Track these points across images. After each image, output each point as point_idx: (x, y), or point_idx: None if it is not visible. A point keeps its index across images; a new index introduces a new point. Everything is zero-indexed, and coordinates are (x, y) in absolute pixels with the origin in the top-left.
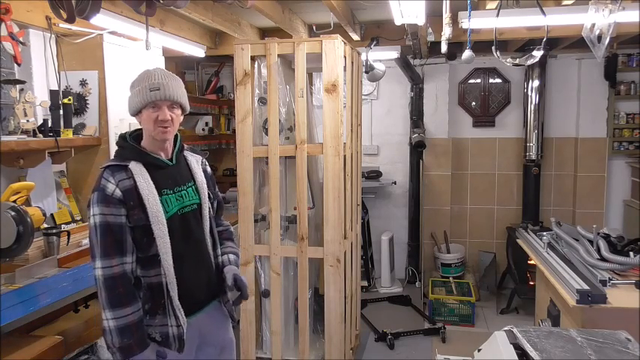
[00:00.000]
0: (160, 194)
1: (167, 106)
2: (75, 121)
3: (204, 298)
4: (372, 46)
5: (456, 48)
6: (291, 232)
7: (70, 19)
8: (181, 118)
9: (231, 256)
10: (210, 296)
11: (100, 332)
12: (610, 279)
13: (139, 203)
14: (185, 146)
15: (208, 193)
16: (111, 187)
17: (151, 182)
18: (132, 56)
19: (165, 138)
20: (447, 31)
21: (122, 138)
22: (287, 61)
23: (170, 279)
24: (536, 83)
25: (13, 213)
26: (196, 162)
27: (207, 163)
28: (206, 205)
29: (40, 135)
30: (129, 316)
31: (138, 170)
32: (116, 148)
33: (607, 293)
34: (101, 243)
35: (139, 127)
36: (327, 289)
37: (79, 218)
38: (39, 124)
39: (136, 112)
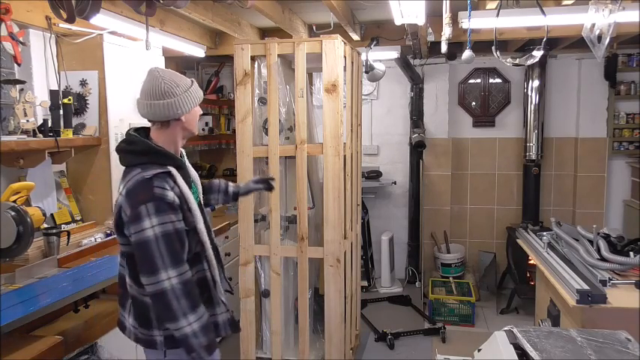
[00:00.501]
0: None
1: None
2: (75, 121)
3: None
4: (372, 46)
5: (456, 48)
6: (291, 232)
7: (70, 19)
8: None
9: (230, 182)
10: None
11: (100, 332)
12: (610, 279)
13: (188, 207)
14: None
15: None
16: (170, 194)
17: (186, 185)
18: (132, 56)
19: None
20: (447, 31)
21: (145, 143)
22: (287, 61)
23: (214, 271)
24: (536, 83)
25: (13, 213)
26: (184, 154)
27: None
28: (201, 196)
29: (40, 135)
30: (205, 314)
31: (177, 175)
32: (134, 153)
33: (607, 293)
34: (170, 251)
35: (140, 126)
36: (327, 289)
37: (79, 218)
38: (39, 124)
39: (187, 112)
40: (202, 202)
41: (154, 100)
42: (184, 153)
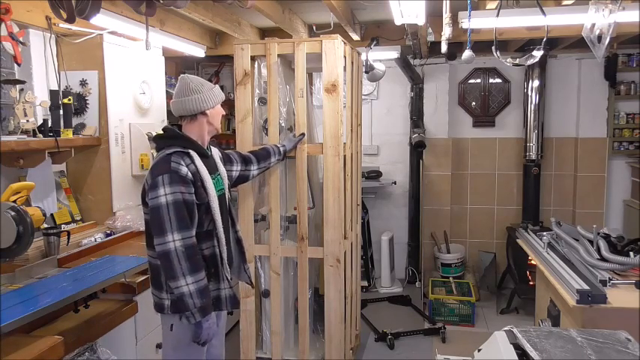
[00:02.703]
0: None
1: None
2: (75, 121)
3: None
4: (372, 46)
5: (456, 48)
6: (291, 232)
7: (70, 19)
8: None
9: (278, 144)
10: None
11: (100, 332)
12: (610, 279)
13: (202, 184)
14: None
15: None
16: (184, 169)
17: (205, 168)
18: (132, 56)
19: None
20: (447, 31)
21: (172, 130)
22: (287, 61)
23: (222, 248)
24: (536, 83)
25: (13, 213)
26: (217, 154)
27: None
28: (227, 191)
29: (40, 135)
30: (204, 279)
31: (196, 157)
32: (166, 137)
33: (607, 293)
34: (178, 217)
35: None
36: (327, 289)
37: (79, 218)
38: (39, 124)
39: (210, 107)
40: (226, 194)
41: (184, 97)
42: (216, 151)
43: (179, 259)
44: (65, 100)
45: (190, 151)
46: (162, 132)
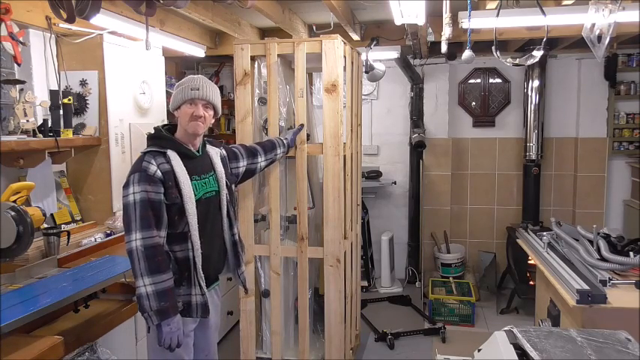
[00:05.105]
0: (190, 179)
1: (202, 105)
2: (75, 121)
3: (214, 275)
4: (372, 46)
5: (456, 48)
6: (291, 232)
7: (70, 19)
8: (212, 120)
9: (280, 137)
10: (217, 276)
11: (100, 332)
12: (610, 279)
13: (175, 185)
14: (206, 139)
15: (226, 179)
16: (153, 168)
17: (184, 168)
18: (132, 56)
19: (197, 132)
20: (447, 31)
21: (158, 130)
22: (287, 61)
23: (197, 252)
24: (536, 83)
25: (13, 213)
26: (216, 154)
27: (223, 148)
28: (224, 192)
29: (40, 135)
30: (166, 282)
31: (174, 157)
32: (151, 138)
33: (607, 293)
34: (141, 216)
35: (163, 123)
36: (327, 289)
37: (79, 218)
38: (39, 124)
39: (177, 107)
40: (222, 196)
41: None
42: (217, 150)
43: (139, 259)
44: (65, 100)
45: (168, 150)
46: (152, 132)
